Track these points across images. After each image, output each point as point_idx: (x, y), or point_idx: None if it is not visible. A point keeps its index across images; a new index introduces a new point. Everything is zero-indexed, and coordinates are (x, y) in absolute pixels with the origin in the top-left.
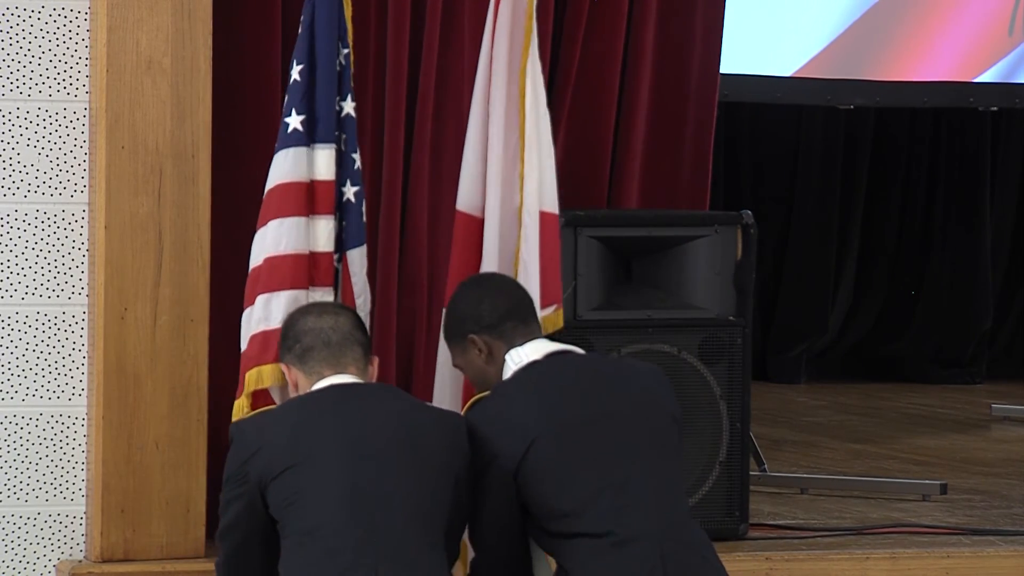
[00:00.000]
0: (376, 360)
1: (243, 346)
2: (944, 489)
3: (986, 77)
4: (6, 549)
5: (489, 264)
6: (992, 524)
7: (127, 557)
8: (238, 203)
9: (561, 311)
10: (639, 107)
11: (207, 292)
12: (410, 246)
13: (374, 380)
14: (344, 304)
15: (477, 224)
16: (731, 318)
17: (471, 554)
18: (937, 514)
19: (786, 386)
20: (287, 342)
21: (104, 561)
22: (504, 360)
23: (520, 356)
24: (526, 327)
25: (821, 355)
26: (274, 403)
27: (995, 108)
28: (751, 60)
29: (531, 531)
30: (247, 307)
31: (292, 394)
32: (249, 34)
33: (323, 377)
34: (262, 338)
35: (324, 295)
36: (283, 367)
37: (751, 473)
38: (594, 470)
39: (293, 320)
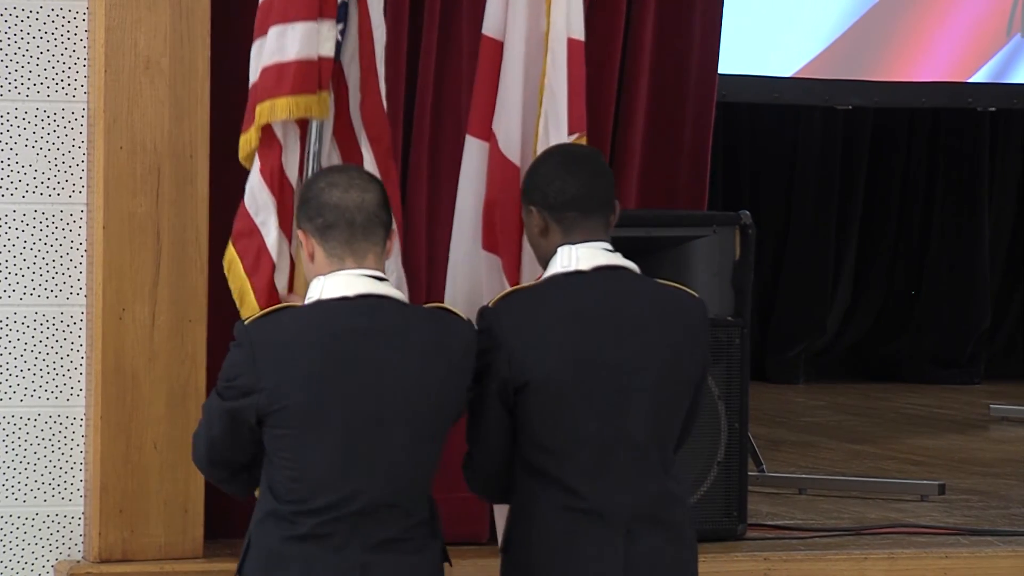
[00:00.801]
0: (395, 235)
1: (253, 78)
2: (942, 489)
3: (981, 74)
4: (4, 549)
5: (512, 88)
6: (990, 524)
7: (125, 557)
8: (236, 203)
9: (584, 138)
10: (637, 107)
11: (205, 292)
12: (410, 239)
13: (391, 256)
14: (373, 177)
15: (499, 48)
16: (729, 318)
17: None
18: (935, 514)
19: (784, 386)
20: (308, 209)
21: (102, 561)
22: (557, 249)
23: (570, 260)
24: (586, 221)
25: (819, 355)
26: (279, 145)
27: (993, 108)
28: (750, 61)
29: (516, 459)
30: (257, 38)
31: (307, 264)
32: (249, 34)
33: (343, 265)
34: (276, 71)
35: (330, 28)
36: (300, 233)
37: (749, 473)
38: (590, 421)
39: (319, 189)
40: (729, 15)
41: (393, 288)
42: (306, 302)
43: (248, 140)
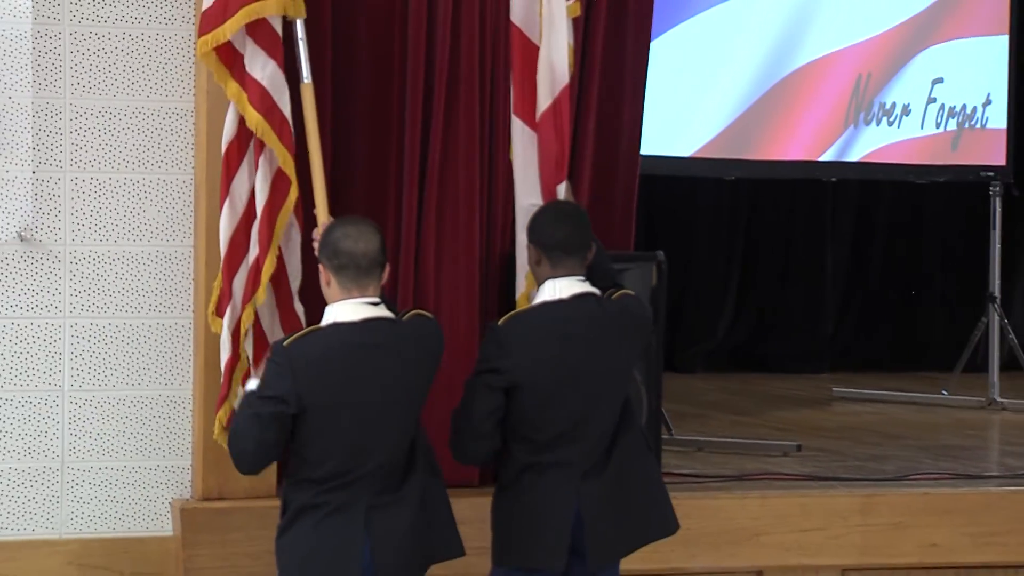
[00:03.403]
0: (388, 268)
1: None
2: (799, 448)
3: (828, 155)
4: (137, 491)
5: None
6: (832, 473)
7: (221, 496)
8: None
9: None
10: (583, 177)
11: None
12: (422, 280)
13: (385, 280)
14: (377, 228)
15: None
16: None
17: None
18: (794, 466)
19: (687, 375)
20: (327, 251)
21: (205, 500)
22: (545, 280)
23: (554, 290)
24: (568, 259)
25: (712, 353)
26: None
27: (834, 179)
28: (662, 144)
29: (508, 434)
30: None
31: (324, 287)
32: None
33: (351, 295)
34: None
35: None
36: (321, 266)
37: (663, 437)
38: (565, 410)
39: (335, 238)
40: (648, 109)
41: (385, 310)
42: (323, 324)
43: (217, 36)
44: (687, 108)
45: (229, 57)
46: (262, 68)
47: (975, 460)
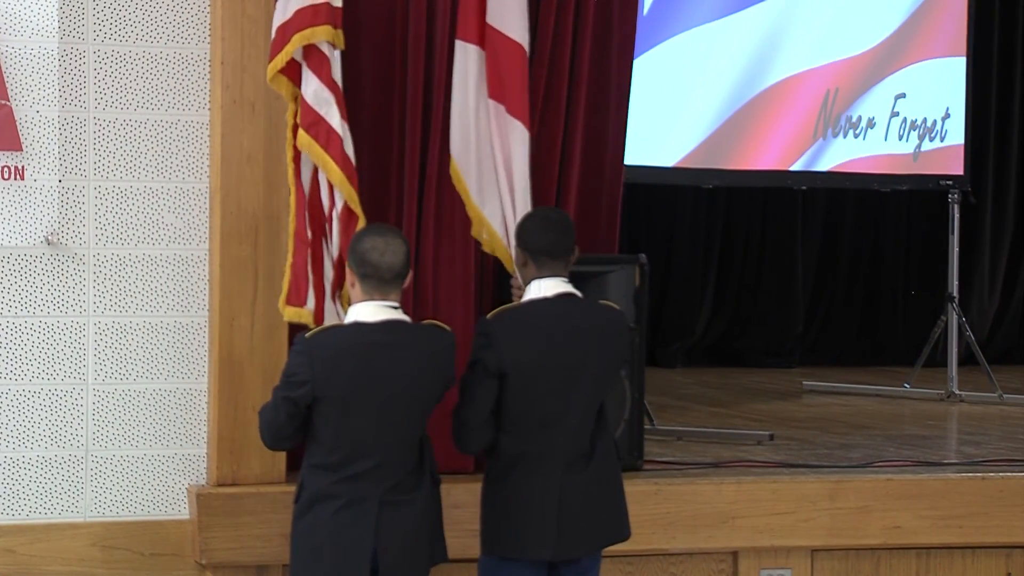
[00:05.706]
0: (411, 274)
1: (283, 18)
2: (772, 437)
3: (798, 165)
4: (157, 478)
5: None
6: (803, 460)
7: (234, 483)
8: None
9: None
10: (571, 186)
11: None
12: (420, 282)
13: (408, 284)
14: (404, 241)
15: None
16: (632, 325)
17: None
18: (767, 454)
19: (667, 369)
20: (355, 258)
21: (219, 485)
22: (531, 280)
23: (539, 288)
24: (553, 262)
25: (691, 349)
26: (328, 61)
27: (804, 187)
28: (645, 154)
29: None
30: None
31: (349, 287)
32: None
33: (372, 297)
34: (311, 9)
35: None
36: (348, 269)
37: (645, 427)
38: (548, 399)
39: (364, 249)
40: (631, 122)
41: (402, 313)
42: (346, 321)
43: (275, 64)
44: (668, 122)
45: (299, 82)
46: (308, 85)
47: (935, 448)
